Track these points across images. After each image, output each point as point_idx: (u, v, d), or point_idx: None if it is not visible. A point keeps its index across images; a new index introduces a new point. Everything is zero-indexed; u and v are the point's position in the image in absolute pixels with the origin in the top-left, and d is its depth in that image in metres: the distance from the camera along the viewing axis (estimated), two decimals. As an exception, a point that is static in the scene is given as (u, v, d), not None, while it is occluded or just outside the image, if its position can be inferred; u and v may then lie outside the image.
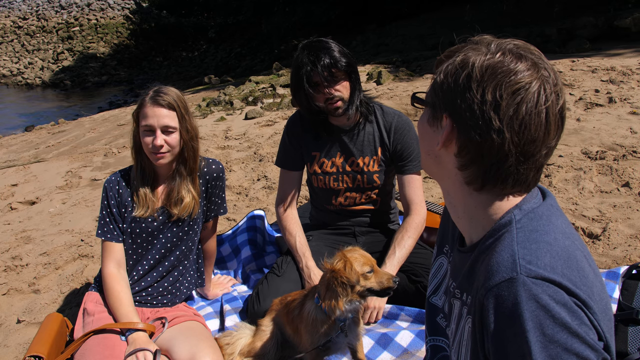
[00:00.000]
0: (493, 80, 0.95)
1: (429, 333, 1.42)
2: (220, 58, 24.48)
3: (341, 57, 2.36)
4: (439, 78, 1.05)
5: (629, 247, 3.07)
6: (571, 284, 0.90)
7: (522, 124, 0.95)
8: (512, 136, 0.95)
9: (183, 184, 2.35)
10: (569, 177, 4.13)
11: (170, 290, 2.46)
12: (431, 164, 1.14)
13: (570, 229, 1.03)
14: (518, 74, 0.95)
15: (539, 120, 0.95)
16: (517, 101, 0.94)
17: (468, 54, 1.00)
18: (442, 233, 1.40)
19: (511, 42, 1.01)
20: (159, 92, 2.22)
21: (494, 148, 0.97)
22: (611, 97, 5.88)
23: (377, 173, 2.60)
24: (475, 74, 0.97)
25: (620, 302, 1.98)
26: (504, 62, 0.96)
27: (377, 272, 1.94)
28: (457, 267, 1.20)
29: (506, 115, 0.94)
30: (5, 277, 3.50)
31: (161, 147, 2.20)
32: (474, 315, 1.00)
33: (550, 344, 0.87)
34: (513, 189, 1.03)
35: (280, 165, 2.74)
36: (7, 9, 30.46)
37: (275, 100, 8.50)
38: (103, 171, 5.92)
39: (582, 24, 10.55)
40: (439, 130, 1.07)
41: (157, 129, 2.19)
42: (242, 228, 3.23)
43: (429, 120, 1.10)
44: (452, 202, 1.15)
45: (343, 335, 1.97)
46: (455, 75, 1.00)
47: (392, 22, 17.30)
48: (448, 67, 1.04)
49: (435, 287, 1.40)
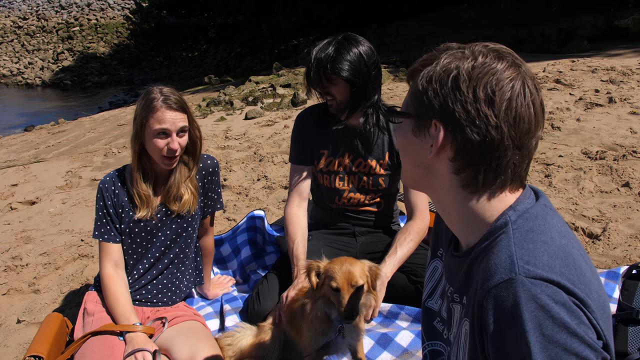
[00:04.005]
0: (482, 79, 0.98)
1: (426, 337, 1.41)
2: (220, 58, 24.50)
3: (345, 65, 2.30)
4: (420, 86, 1.05)
5: (629, 247, 3.07)
6: (569, 282, 0.91)
7: (516, 117, 0.98)
8: (509, 130, 0.98)
9: (182, 180, 2.36)
10: (569, 177, 4.13)
11: (170, 287, 2.46)
12: (419, 176, 1.13)
13: (565, 227, 1.04)
14: (503, 72, 0.99)
15: (530, 112, 0.99)
16: (508, 97, 0.98)
17: (447, 60, 1.03)
18: (436, 237, 1.40)
19: (483, 44, 1.04)
20: (168, 95, 2.21)
21: (494, 144, 0.99)
22: (611, 97, 5.88)
23: (382, 176, 2.60)
24: (462, 76, 0.99)
25: (620, 302, 1.98)
26: (486, 62, 0.99)
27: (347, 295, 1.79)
28: (453, 271, 1.19)
29: (501, 110, 0.97)
30: (5, 277, 3.50)
31: (176, 151, 2.21)
32: (472, 317, 0.99)
33: (549, 345, 0.87)
34: (511, 185, 1.04)
35: (293, 160, 2.70)
36: (7, 9, 30.46)
37: (275, 100, 8.50)
38: (103, 171, 5.92)
39: (582, 24, 10.56)
40: (427, 138, 1.06)
41: (173, 133, 2.20)
42: (242, 228, 3.23)
43: (413, 131, 1.09)
44: (444, 209, 1.13)
45: (341, 336, 1.97)
46: (441, 81, 1.01)
47: (393, 22, 17.31)
48: (429, 74, 1.04)
49: (430, 290, 1.39)
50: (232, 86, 10.76)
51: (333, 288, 1.80)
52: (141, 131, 2.23)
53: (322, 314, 1.95)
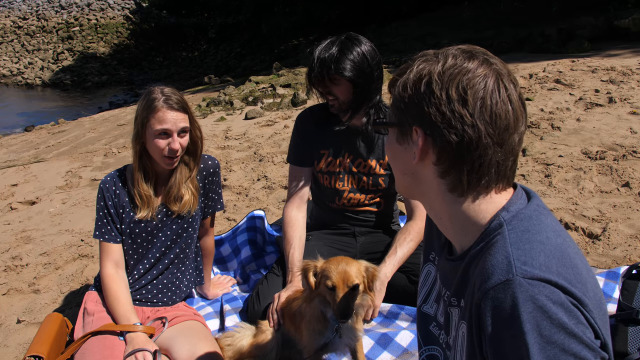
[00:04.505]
0: (453, 80, 0.99)
1: (423, 343, 1.40)
2: (220, 58, 24.50)
3: (348, 65, 2.28)
4: (398, 94, 1.07)
5: (629, 247, 3.07)
6: (566, 282, 0.91)
7: (492, 114, 0.99)
8: (487, 127, 0.99)
9: (183, 181, 2.36)
10: (569, 177, 4.13)
11: (170, 288, 2.46)
12: (409, 183, 1.14)
13: (559, 226, 1.04)
14: (474, 71, 1.00)
15: (506, 108, 1.00)
16: (481, 95, 0.99)
17: (420, 66, 1.04)
18: (427, 241, 1.40)
19: (456, 47, 1.05)
20: (169, 95, 2.21)
21: (472, 144, 0.99)
22: (611, 97, 5.88)
23: (382, 177, 2.60)
24: (434, 79, 1.00)
25: (620, 302, 1.98)
26: (456, 63, 1.01)
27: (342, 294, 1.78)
28: (448, 275, 1.19)
29: (475, 109, 0.98)
30: (5, 277, 3.50)
31: (177, 151, 2.21)
32: (469, 320, 0.99)
33: (547, 345, 0.88)
34: (497, 184, 1.04)
35: (292, 161, 2.69)
36: (7, 9, 30.46)
37: (275, 100, 8.50)
38: (103, 171, 5.92)
39: (582, 24, 10.56)
40: (410, 145, 1.08)
41: (174, 133, 2.20)
42: (242, 228, 3.23)
43: (397, 140, 1.11)
44: (437, 214, 1.14)
45: (338, 336, 1.97)
46: (415, 86, 1.03)
47: (392, 23, 17.32)
48: (404, 81, 1.06)
49: (425, 295, 1.39)
50: (232, 86, 10.76)
51: (329, 287, 1.80)
52: (142, 131, 2.23)
53: (318, 313, 1.95)
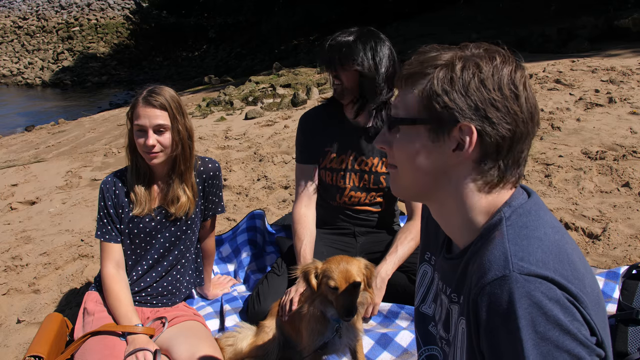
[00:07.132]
0: (503, 78, 1.02)
1: (422, 343, 1.40)
2: (220, 58, 24.48)
3: (359, 53, 2.34)
4: (440, 89, 1.01)
5: (629, 247, 3.07)
6: (563, 278, 0.91)
7: (530, 109, 1.03)
8: (529, 122, 1.03)
9: (178, 183, 2.36)
10: (569, 177, 4.13)
11: (170, 289, 2.46)
12: (424, 184, 1.09)
13: (557, 223, 1.04)
14: (515, 71, 1.03)
15: (535, 102, 1.05)
16: (528, 91, 1.03)
17: (462, 62, 1.02)
18: (424, 241, 1.40)
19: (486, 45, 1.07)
20: (151, 93, 2.23)
21: (521, 138, 1.03)
22: (611, 97, 5.88)
23: (384, 175, 2.60)
24: (486, 76, 1.01)
25: (620, 302, 1.98)
26: (497, 62, 1.02)
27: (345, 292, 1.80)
28: (448, 273, 1.19)
29: (522, 105, 1.02)
30: (5, 277, 3.50)
31: (153, 147, 2.21)
32: (467, 315, 1.00)
33: (542, 342, 0.88)
34: (513, 178, 1.07)
35: (299, 160, 2.70)
36: (7, 9, 30.48)
37: (275, 100, 8.50)
38: (103, 171, 5.92)
39: (582, 24, 10.55)
40: (447, 143, 1.03)
41: (149, 129, 2.20)
42: (242, 228, 3.23)
43: (430, 138, 1.05)
44: (448, 213, 1.11)
45: (338, 336, 1.97)
46: (464, 82, 1.00)
47: (393, 23, 17.30)
48: (447, 76, 1.01)
49: (422, 295, 1.39)
50: (232, 86, 10.76)
51: (331, 287, 1.80)
52: (131, 128, 2.28)
53: (318, 313, 1.95)
